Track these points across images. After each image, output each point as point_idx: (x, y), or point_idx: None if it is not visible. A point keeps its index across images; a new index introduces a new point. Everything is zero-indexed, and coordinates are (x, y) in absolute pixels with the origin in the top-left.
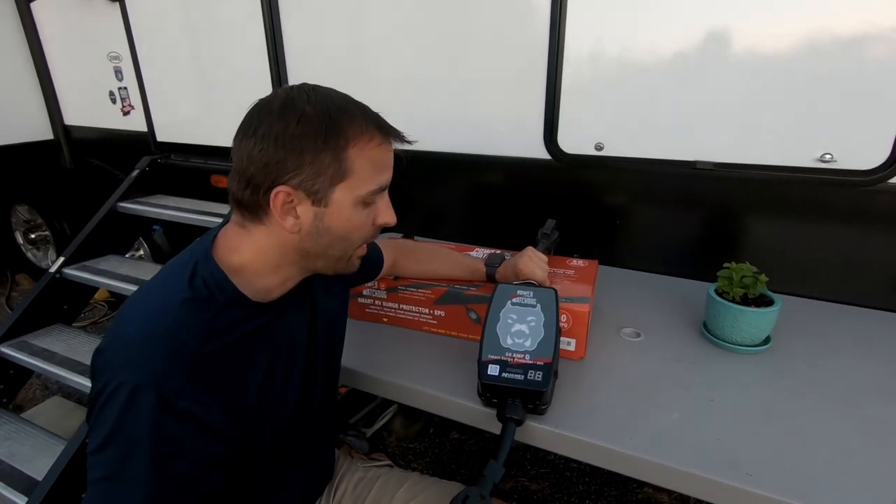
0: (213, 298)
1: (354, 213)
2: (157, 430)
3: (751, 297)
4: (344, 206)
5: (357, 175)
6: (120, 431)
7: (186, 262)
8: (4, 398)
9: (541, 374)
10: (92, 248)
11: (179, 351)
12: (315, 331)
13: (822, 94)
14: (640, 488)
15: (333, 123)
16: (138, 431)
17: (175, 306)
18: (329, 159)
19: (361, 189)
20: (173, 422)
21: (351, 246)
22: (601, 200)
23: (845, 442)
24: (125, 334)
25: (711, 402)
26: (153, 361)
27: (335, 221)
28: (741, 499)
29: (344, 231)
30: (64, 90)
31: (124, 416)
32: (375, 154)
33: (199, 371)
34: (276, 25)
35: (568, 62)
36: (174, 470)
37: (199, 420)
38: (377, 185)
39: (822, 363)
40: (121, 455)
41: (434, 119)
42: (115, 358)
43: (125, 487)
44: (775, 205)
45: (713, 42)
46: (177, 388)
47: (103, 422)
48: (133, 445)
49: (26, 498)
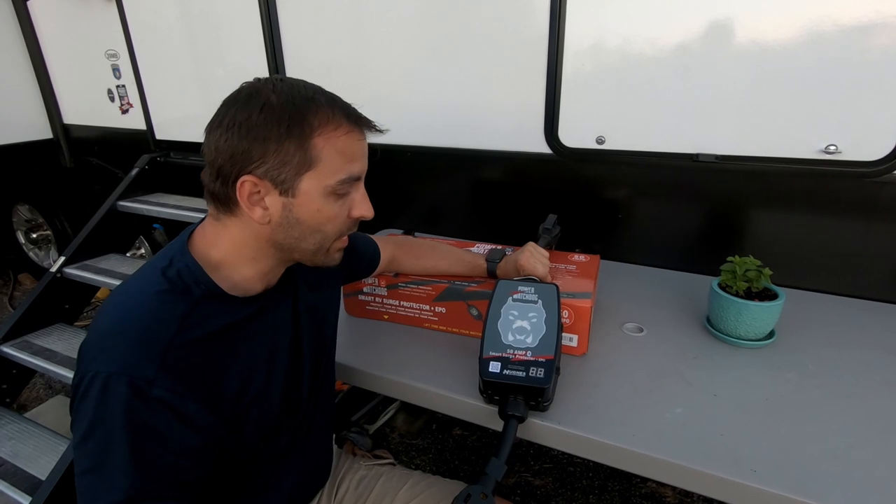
0: (189, 291)
1: (325, 204)
2: (132, 419)
3: (754, 291)
4: (313, 197)
5: (325, 165)
6: (97, 422)
7: (163, 257)
8: (7, 398)
9: (543, 370)
10: (93, 248)
11: (152, 341)
12: (299, 326)
13: (827, 85)
14: (644, 483)
15: (298, 112)
16: (114, 421)
17: (149, 298)
18: (293, 148)
19: (330, 179)
20: (148, 411)
21: (326, 238)
22: (602, 194)
23: (851, 436)
24: (100, 326)
25: (715, 398)
26: (126, 352)
27: (305, 212)
28: (746, 495)
29: (315, 222)
30: (62, 89)
31: (99, 406)
32: (344, 143)
33: (172, 362)
34: (273, 22)
35: (568, 55)
36: (154, 459)
37: (174, 409)
38: (347, 174)
39: (826, 357)
40: (100, 446)
41: (434, 114)
42: (90, 350)
43: (107, 477)
44: (779, 197)
45: (715, 33)
46: (150, 377)
47: (82, 413)
48: (110, 435)
49: (30, 497)
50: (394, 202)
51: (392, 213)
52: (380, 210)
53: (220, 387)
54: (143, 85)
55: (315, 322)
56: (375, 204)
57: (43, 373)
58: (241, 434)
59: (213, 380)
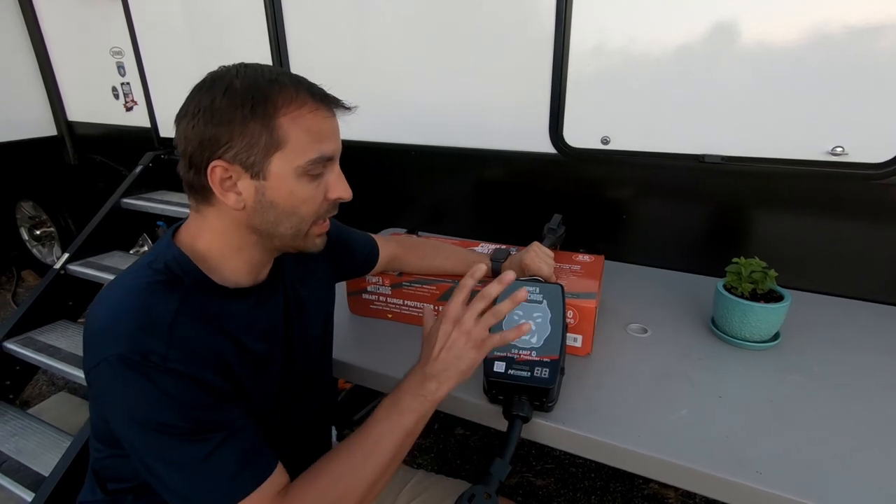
0: (179, 280)
1: (298, 186)
2: (162, 386)
3: (760, 293)
4: (284, 179)
5: (293, 144)
6: (135, 399)
7: (149, 254)
8: (11, 394)
9: (547, 370)
10: (96, 245)
11: (154, 325)
12: (289, 321)
13: (833, 86)
14: (647, 484)
15: (260, 92)
16: (147, 392)
17: (142, 289)
18: (258, 129)
19: (300, 159)
20: (167, 378)
21: (302, 221)
22: (607, 195)
23: (857, 439)
24: (99, 318)
25: (720, 399)
26: (132, 334)
27: (278, 195)
28: (751, 497)
29: (289, 205)
30: (67, 86)
31: (126, 385)
32: (310, 121)
33: (179, 340)
34: (278, 19)
35: (573, 55)
36: (199, 415)
37: (193, 378)
38: (317, 154)
39: (832, 359)
40: (150, 418)
41: (438, 113)
42: (94, 339)
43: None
44: (785, 199)
45: (721, 33)
46: (162, 353)
47: (112, 401)
48: (152, 405)
49: (33, 493)
50: (397, 201)
51: (395, 212)
52: (383, 209)
53: (228, 362)
54: (147, 82)
55: (304, 316)
56: (379, 203)
57: (46, 369)
58: None
59: (220, 358)
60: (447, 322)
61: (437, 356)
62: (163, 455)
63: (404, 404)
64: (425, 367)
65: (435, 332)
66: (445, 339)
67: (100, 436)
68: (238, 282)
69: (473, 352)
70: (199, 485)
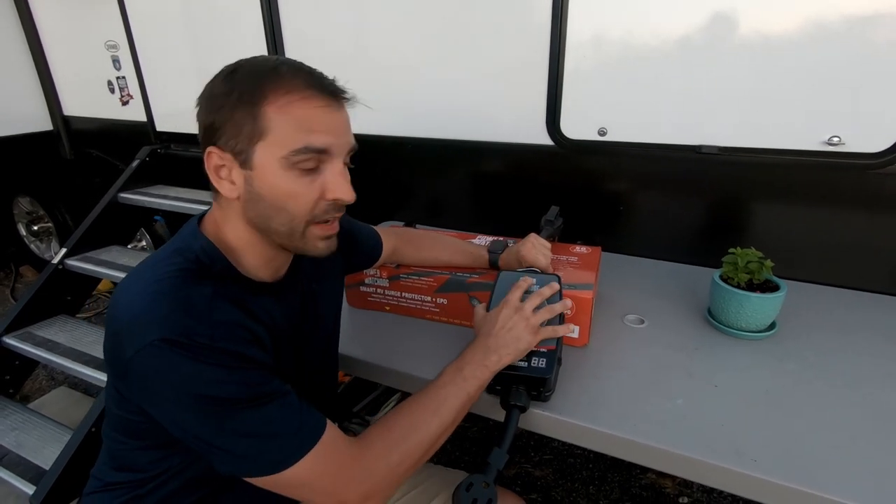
0: (209, 270)
1: (283, 179)
2: (212, 361)
3: (756, 283)
4: (268, 169)
5: (276, 134)
6: (181, 382)
7: (177, 240)
8: (11, 389)
9: (544, 360)
10: (94, 239)
11: (193, 309)
12: (305, 316)
13: (830, 76)
14: (644, 474)
15: (254, 79)
16: (197, 372)
17: (172, 275)
18: (243, 114)
19: (283, 149)
20: (217, 356)
21: (293, 219)
22: (604, 186)
23: (851, 427)
24: (130, 306)
25: (716, 389)
26: (170, 317)
27: (264, 186)
28: (746, 484)
29: (275, 198)
30: (62, 81)
31: (171, 367)
32: (299, 110)
33: (220, 322)
34: (274, 12)
35: (570, 46)
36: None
37: (239, 354)
38: (303, 144)
39: (828, 348)
40: (205, 399)
41: (435, 106)
42: (130, 329)
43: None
44: (781, 189)
45: (718, 23)
46: (208, 333)
47: (159, 387)
48: (204, 384)
49: (34, 487)
50: (395, 194)
51: (393, 204)
52: (381, 202)
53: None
54: (143, 76)
55: (319, 311)
56: (377, 196)
57: (45, 364)
58: None
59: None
60: (509, 308)
61: (499, 334)
62: (225, 426)
63: (468, 372)
64: (488, 342)
65: (494, 316)
66: (506, 321)
67: (125, 428)
68: (259, 276)
69: (530, 336)
70: (268, 445)
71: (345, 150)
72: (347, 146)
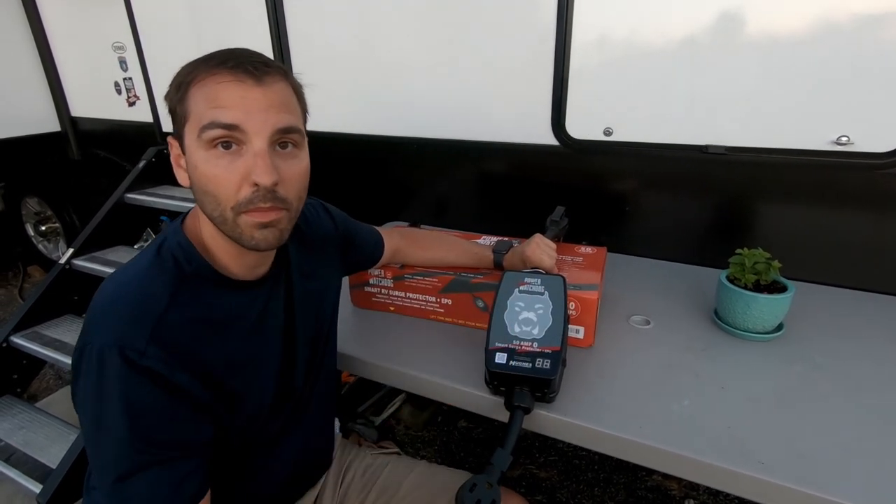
0: (179, 268)
1: (202, 160)
2: (126, 389)
3: (763, 284)
4: (192, 151)
5: (194, 113)
6: (96, 393)
7: (159, 237)
8: (18, 388)
9: (549, 361)
10: (101, 240)
11: (143, 315)
12: (292, 315)
13: (838, 75)
14: (649, 476)
15: (190, 66)
16: (110, 391)
17: (141, 274)
18: (177, 98)
19: (196, 126)
20: (139, 380)
21: (219, 204)
22: (609, 186)
23: (860, 430)
24: (97, 303)
25: (722, 390)
26: (118, 325)
27: (192, 170)
28: (754, 487)
29: (199, 182)
30: (70, 82)
31: (97, 377)
32: (209, 86)
33: (162, 336)
34: (279, 13)
35: (576, 46)
36: (152, 425)
37: (165, 379)
38: (210, 120)
39: (835, 350)
40: (101, 417)
41: (440, 105)
42: (87, 326)
43: (111, 446)
44: (789, 189)
45: (724, 22)
46: (140, 349)
47: (81, 386)
48: (108, 405)
49: (41, 485)
50: (399, 194)
51: (397, 205)
52: (385, 201)
53: (211, 365)
54: (149, 77)
55: (310, 311)
56: (381, 196)
57: (52, 363)
58: (231, 417)
59: (203, 358)
60: None
61: None
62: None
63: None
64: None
65: None
66: None
67: None
68: (234, 273)
69: None
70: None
71: (266, 130)
72: (269, 126)
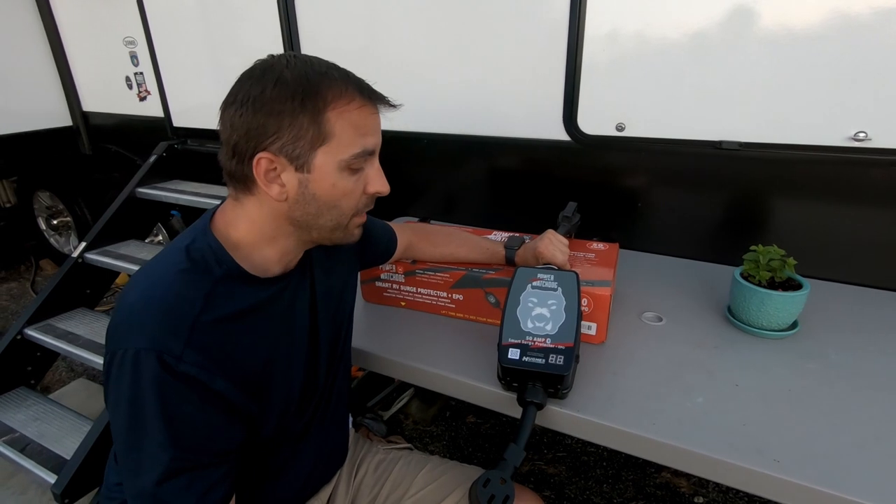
0: (210, 270)
1: (340, 179)
2: (163, 394)
3: (778, 281)
4: (328, 172)
5: (338, 138)
6: (132, 398)
7: (187, 237)
8: (32, 379)
9: (562, 357)
10: (112, 234)
11: (179, 318)
12: (316, 311)
13: (855, 69)
14: (658, 473)
15: (311, 86)
16: (146, 397)
17: (173, 277)
18: (307, 122)
19: (344, 153)
20: (177, 386)
21: (342, 215)
22: (622, 182)
23: (876, 428)
24: (126, 305)
25: (736, 388)
26: (154, 328)
27: (320, 188)
28: (769, 485)
29: (330, 198)
30: (81, 77)
31: (132, 382)
32: (357, 117)
33: (199, 338)
34: (290, 8)
35: (588, 41)
36: (187, 432)
37: (203, 385)
38: (361, 148)
39: (851, 348)
40: (136, 422)
41: (451, 101)
42: (118, 328)
43: (146, 452)
44: (805, 185)
45: (739, 15)
46: (177, 353)
47: (116, 391)
48: (144, 410)
49: (56, 476)
50: (410, 189)
51: (408, 200)
52: (395, 197)
53: (245, 365)
54: (160, 72)
55: (331, 307)
56: (392, 191)
57: (65, 356)
58: (263, 415)
59: (238, 357)
60: None
61: None
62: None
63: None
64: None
65: None
66: None
67: None
68: (268, 270)
69: None
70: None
71: (379, 148)
72: (380, 144)
